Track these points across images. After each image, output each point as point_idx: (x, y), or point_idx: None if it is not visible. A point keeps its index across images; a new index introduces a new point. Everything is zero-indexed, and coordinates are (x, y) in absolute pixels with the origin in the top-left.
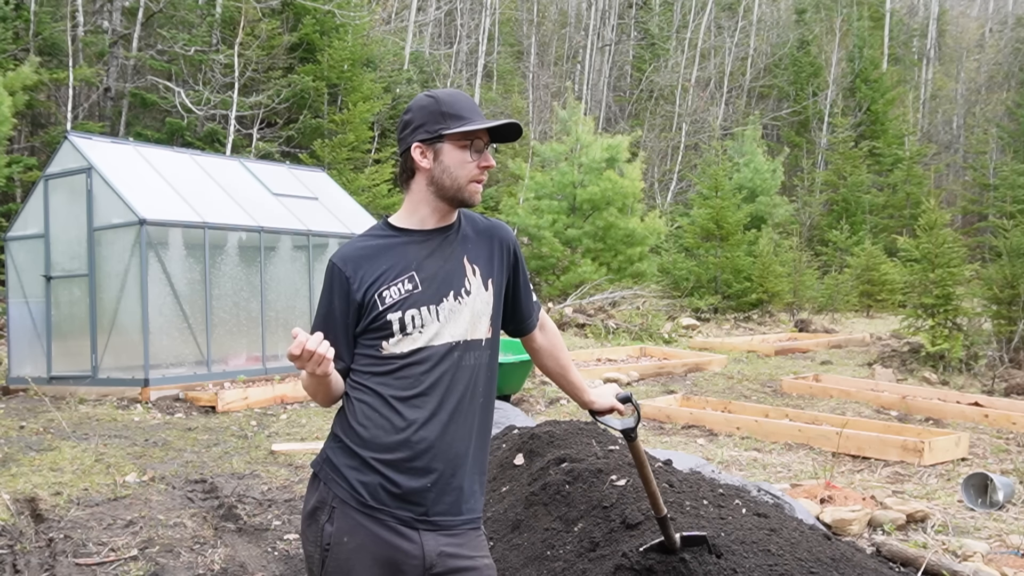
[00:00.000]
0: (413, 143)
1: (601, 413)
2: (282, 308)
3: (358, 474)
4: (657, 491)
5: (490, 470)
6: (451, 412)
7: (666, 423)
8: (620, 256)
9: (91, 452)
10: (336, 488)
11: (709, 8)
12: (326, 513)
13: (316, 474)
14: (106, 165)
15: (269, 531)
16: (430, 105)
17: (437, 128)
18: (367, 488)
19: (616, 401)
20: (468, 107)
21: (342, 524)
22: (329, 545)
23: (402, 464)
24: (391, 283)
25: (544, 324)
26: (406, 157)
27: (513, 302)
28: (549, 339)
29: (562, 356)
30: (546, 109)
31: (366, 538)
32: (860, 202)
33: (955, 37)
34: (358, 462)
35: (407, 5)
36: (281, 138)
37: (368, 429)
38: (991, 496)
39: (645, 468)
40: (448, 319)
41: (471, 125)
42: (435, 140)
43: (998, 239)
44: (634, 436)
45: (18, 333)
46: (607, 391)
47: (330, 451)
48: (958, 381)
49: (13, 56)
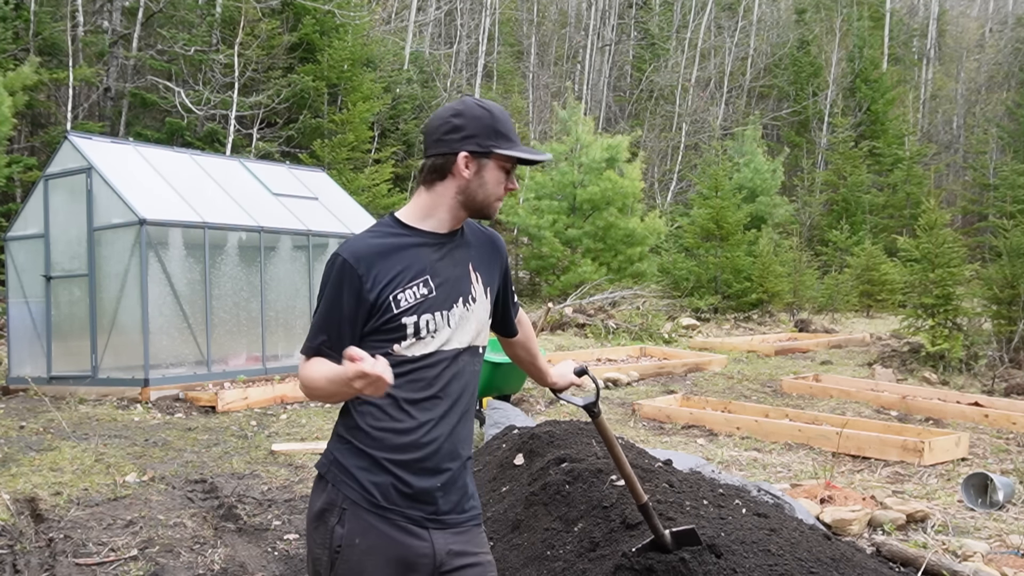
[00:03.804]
0: (462, 151)
1: (564, 391)
2: (282, 308)
3: (369, 475)
4: (633, 475)
5: (490, 470)
6: (460, 414)
7: (666, 423)
8: (620, 256)
9: (91, 452)
10: (346, 489)
11: (709, 8)
12: (336, 515)
13: (322, 476)
14: (106, 165)
15: (269, 531)
16: (485, 118)
17: (489, 144)
18: (379, 488)
19: (574, 376)
20: (513, 130)
21: (353, 525)
22: (340, 547)
23: (414, 464)
24: (406, 286)
25: (520, 319)
26: (446, 159)
27: (503, 308)
28: (524, 331)
29: (532, 345)
30: (546, 109)
31: (378, 539)
32: (860, 202)
33: (955, 37)
34: (369, 463)
35: (407, 5)
36: (281, 138)
37: (379, 430)
38: (991, 496)
39: (615, 448)
40: (458, 325)
41: (519, 152)
42: (484, 155)
43: (998, 239)
44: (597, 412)
45: (18, 333)
46: (565, 368)
47: (337, 453)
48: (958, 381)
49: (13, 56)
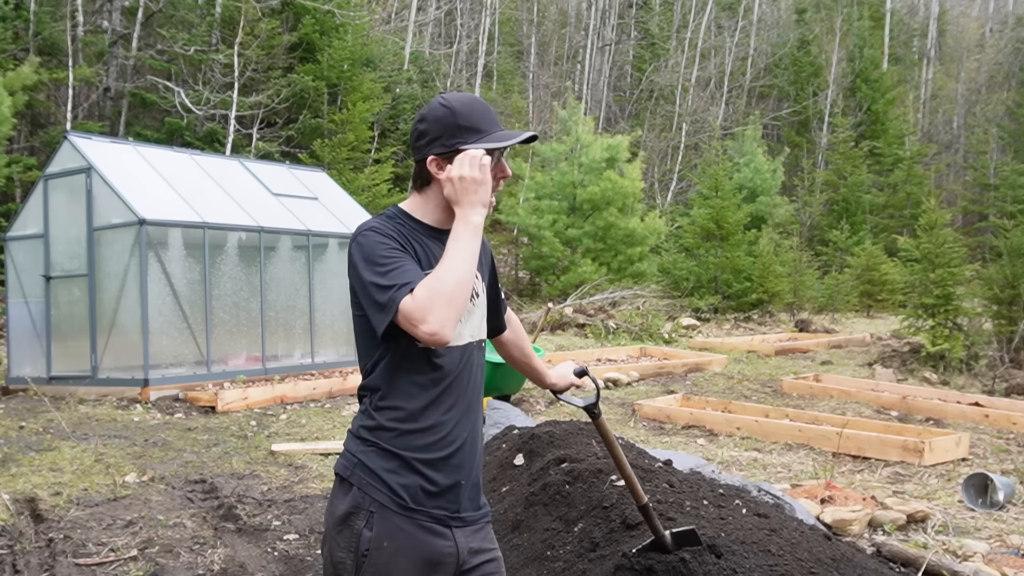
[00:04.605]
0: (429, 156)
1: (563, 391)
2: (282, 308)
3: (397, 477)
4: (633, 476)
5: (490, 470)
6: (475, 409)
7: (666, 423)
8: (620, 256)
9: (91, 452)
10: (374, 492)
11: (709, 8)
12: (363, 518)
13: (345, 479)
14: (106, 165)
15: (269, 531)
16: (446, 117)
17: (454, 143)
18: (407, 490)
19: (574, 377)
20: (484, 117)
21: (382, 528)
22: (368, 551)
23: (441, 462)
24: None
25: (510, 318)
26: (421, 167)
27: (493, 306)
28: (515, 331)
29: (525, 345)
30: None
31: (405, 540)
32: (860, 202)
33: (955, 37)
34: (397, 464)
35: (407, 5)
36: (281, 138)
37: (405, 431)
38: (991, 496)
39: (615, 449)
40: (466, 319)
41: (488, 141)
42: (452, 154)
43: (998, 239)
44: (597, 413)
45: (18, 333)
46: (565, 369)
47: (362, 455)
48: (958, 381)
49: (13, 56)
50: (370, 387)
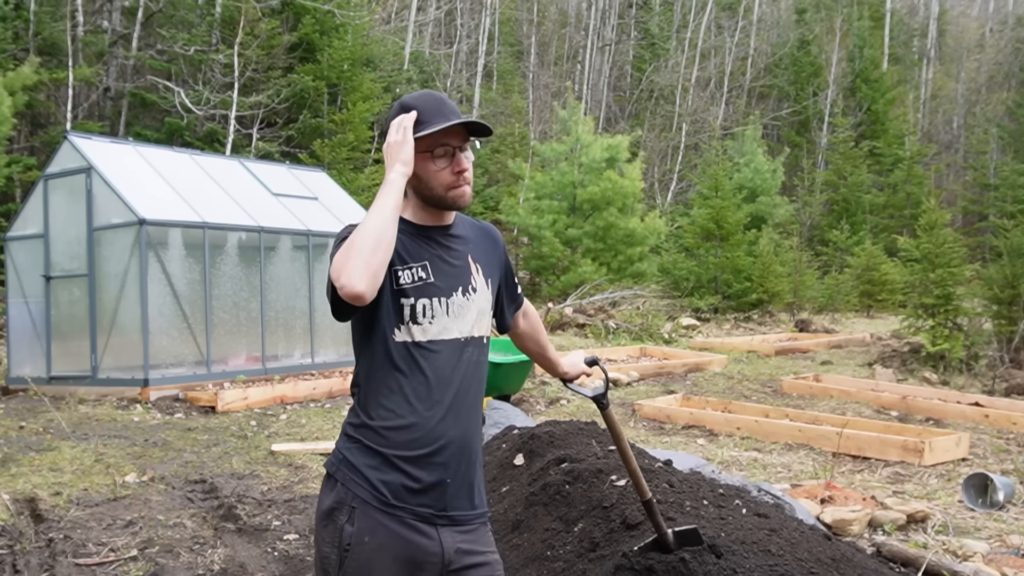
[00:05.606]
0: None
1: (574, 380)
2: (282, 308)
3: (379, 473)
4: (638, 470)
5: (490, 470)
6: (467, 407)
7: (666, 423)
8: (620, 256)
9: (91, 452)
10: (356, 488)
11: (709, 8)
12: (345, 513)
13: (331, 475)
14: (106, 165)
15: (269, 531)
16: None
17: None
18: (389, 487)
19: (584, 366)
20: (432, 110)
21: (363, 524)
22: (349, 545)
23: (423, 460)
24: (406, 266)
25: (526, 310)
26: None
27: (507, 298)
28: (531, 323)
29: (541, 337)
30: (546, 109)
31: (386, 537)
32: (860, 202)
33: (955, 37)
34: (379, 461)
35: (407, 5)
36: (281, 138)
37: (388, 427)
38: (991, 496)
39: (622, 441)
40: (457, 314)
41: (426, 130)
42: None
43: (998, 239)
44: (605, 403)
45: (18, 333)
46: (576, 358)
47: (347, 452)
48: (958, 381)
49: (13, 56)
50: (357, 384)
